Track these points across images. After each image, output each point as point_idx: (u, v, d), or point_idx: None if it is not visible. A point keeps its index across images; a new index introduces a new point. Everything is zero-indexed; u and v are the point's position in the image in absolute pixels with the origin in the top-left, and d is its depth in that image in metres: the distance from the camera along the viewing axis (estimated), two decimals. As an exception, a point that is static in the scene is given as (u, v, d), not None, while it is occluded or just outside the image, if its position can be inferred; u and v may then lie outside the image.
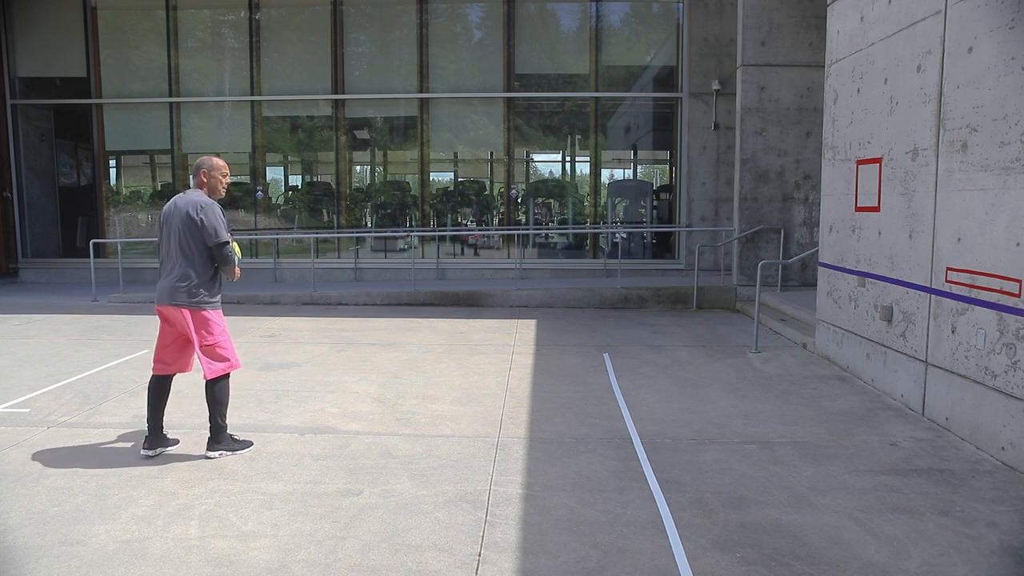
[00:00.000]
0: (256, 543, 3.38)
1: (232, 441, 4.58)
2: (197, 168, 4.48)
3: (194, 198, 4.35)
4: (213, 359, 4.39)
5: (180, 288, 4.29)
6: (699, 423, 5.19)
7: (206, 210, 4.31)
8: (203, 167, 4.47)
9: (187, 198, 4.37)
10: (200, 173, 4.46)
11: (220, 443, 4.50)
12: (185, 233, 4.30)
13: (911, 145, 5.49)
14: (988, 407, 4.57)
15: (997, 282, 4.47)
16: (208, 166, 4.47)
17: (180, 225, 4.31)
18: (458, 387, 6.16)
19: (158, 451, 4.51)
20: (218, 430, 4.49)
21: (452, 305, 10.90)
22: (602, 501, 3.85)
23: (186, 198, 4.38)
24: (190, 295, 4.30)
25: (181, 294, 4.29)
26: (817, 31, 9.89)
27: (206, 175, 4.46)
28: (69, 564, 3.18)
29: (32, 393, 5.94)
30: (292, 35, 13.47)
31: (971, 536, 3.47)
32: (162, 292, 4.35)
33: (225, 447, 4.52)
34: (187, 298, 4.29)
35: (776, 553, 3.29)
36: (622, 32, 13.25)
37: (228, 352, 4.45)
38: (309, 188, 14.32)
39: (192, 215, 4.28)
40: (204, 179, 4.46)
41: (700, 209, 12.51)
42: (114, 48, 13.61)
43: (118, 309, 10.46)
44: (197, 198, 4.36)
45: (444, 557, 3.26)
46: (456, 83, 13.24)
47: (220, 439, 4.50)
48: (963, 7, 4.84)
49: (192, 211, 4.29)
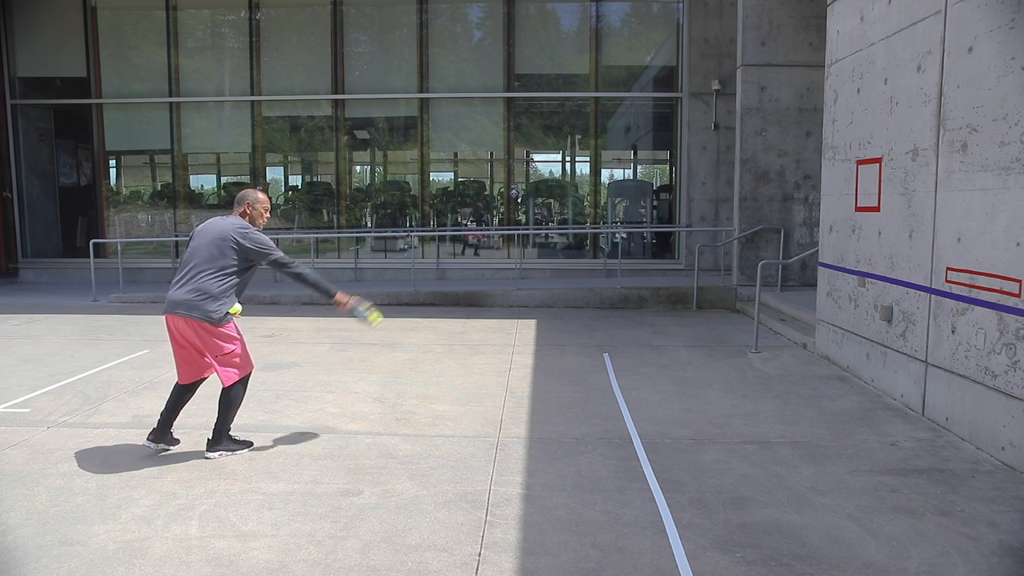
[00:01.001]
0: (256, 543, 3.38)
1: (232, 442, 4.59)
2: (241, 199, 4.57)
3: (235, 222, 4.43)
4: (228, 366, 4.41)
5: (190, 300, 4.27)
6: (699, 423, 5.19)
7: (252, 232, 4.40)
8: (247, 199, 4.56)
9: (230, 220, 4.45)
10: (244, 204, 4.55)
11: (220, 444, 4.52)
12: (218, 248, 4.33)
13: (911, 145, 5.49)
14: (988, 407, 4.57)
15: (997, 282, 4.47)
16: (252, 199, 4.57)
17: (215, 240, 4.34)
18: (458, 387, 6.16)
19: (160, 446, 4.53)
20: (221, 432, 4.51)
21: (452, 305, 10.90)
22: (602, 501, 3.85)
23: (229, 220, 4.45)
24: (198, 308, 4.27)
25: (190, 306, 4.26)
26: (817, 31, 9.89)
27: (249, 207, 4.55)
28: (69, 564, 3.18)
29: (32, 393, 5.94)
30: (292, 35, 13.47)
31: (971, 536, 3.47)
32: (172, 302, 4.33)
33: (224, 447, 4.53)
34: (194, 310, 4.27)
35: (776, 553, 3.29)
36: (622, 32, 13.25)
37: (242, 357, 4.47)
38: (309, 188, 14.32)
39: (235, 235, 4.34)
40: (247, 210, 4.54)
41: (700, 209, 12.51)
42: (114, 48, 13.61)
43: (118, 309, 10.46)
44: (237, 222, 4.43)
45: (444, 557, 3.26)
46: (456, 83, 13.24)
47: (220, 441, 4.52)
48: (963, 7, 4.84)
49: (236, 232, 4.35)
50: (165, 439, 4.56)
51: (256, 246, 4.37)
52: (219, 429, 4.50)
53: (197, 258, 4.35)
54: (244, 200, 4.57)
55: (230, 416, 4.50)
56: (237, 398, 4.48)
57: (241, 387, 4.49)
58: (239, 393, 4.48)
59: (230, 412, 4.49)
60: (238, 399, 4.49)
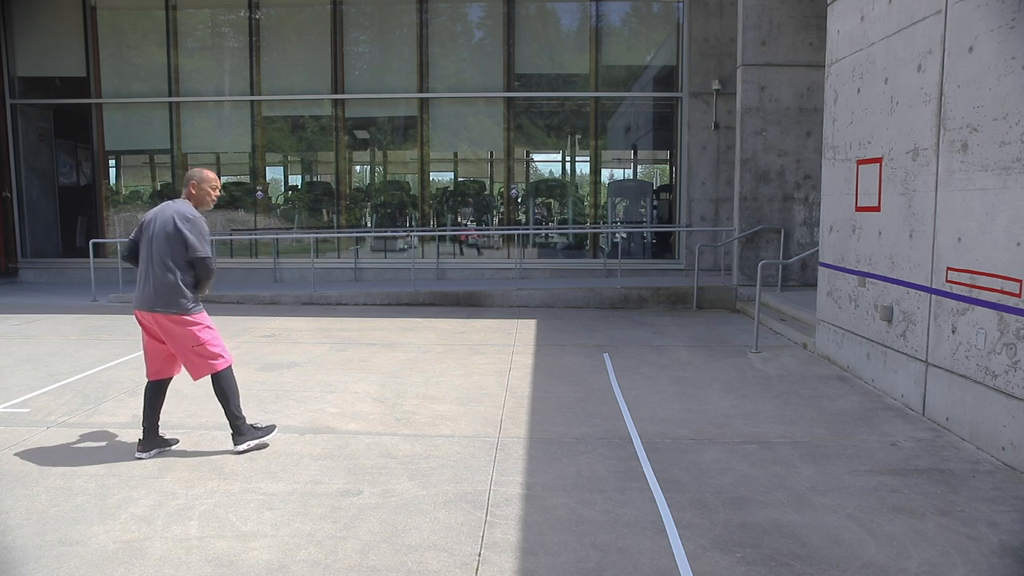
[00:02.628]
0: (256, 543, 3.38)
1: (254, 429, 4.59)
2: (187, 179, 4.47)
3: (181, 208, 4.34)
4: (205, 357, 4.39)
5: (159, 295, 4.27)
6: (699, 423, 5.19)
7: (192, 223, 4.30)
8: (193, 178, 4.45)
9: (174, 207, 4.36)
10: (190, 184, 4.45)
11: (244, 435, 4.52)
12: (167, 241, 4.28)
13: (911, 145, 5.49)
14: (988, 407, 4.56)
15: (997, 282, 4.46)
16: (198, 178, 4.45)
17: (163, 233, 4.29)
18: (458, 387, 6.16)
19: (152, 452, 4.51)
20: (237, 423, 4.51)
21: (452, 305, 10.89)
22: (602, 501, 3.84)
23: (173, 207, 4.36)
24: (171, 302, 4.27)
25: (160, 300, 4.27)
26: (817, 31, 9.88)
27: (195, 187, 4.45)
28: (69, 564, 3.18)
29: (32, 393, 5.93)
30: (292, 35, 13.47)
31: (971, 536, 3.46)
32: (143, 298, 4.33)
33: (250, 437, 4.53)
34: (167, 305, 4.27)
35: (776, 553, 3.29)
36: (622, 32, 13.24)
37: (218, 348, 4.45)
38: (309, 188, 14.31)
39: (178, 225, 4.26)
40: (193, 191, 4.45)
41: (700, 209, 12.51)
42: (114, 48, 13.60)
43: (118, 309, 10.45)
44: (184, 208, 4.34)
45: (444, 557, 3.26)
46: (456, 83, 13.23)
47: (243, 431, 4.52)
48: (963, 7, 4.83)
49: (178, 221, 4.27)
50: (155, 444, 4.52)
51: (191, 242, 4.24)
52: (232, 421, 4.51)
53: (153, 249, 4.29)
54: (191, 179, 4.44)
55: (234, 404, 4.49)
56: (229, 387, 4.46)
57: (228, 375, 4.47)
58: (228, 381, 4.46)
59: (232, 400, 4.47)
60: (231, 387, 4.47)
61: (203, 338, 4.37)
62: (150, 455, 4.49)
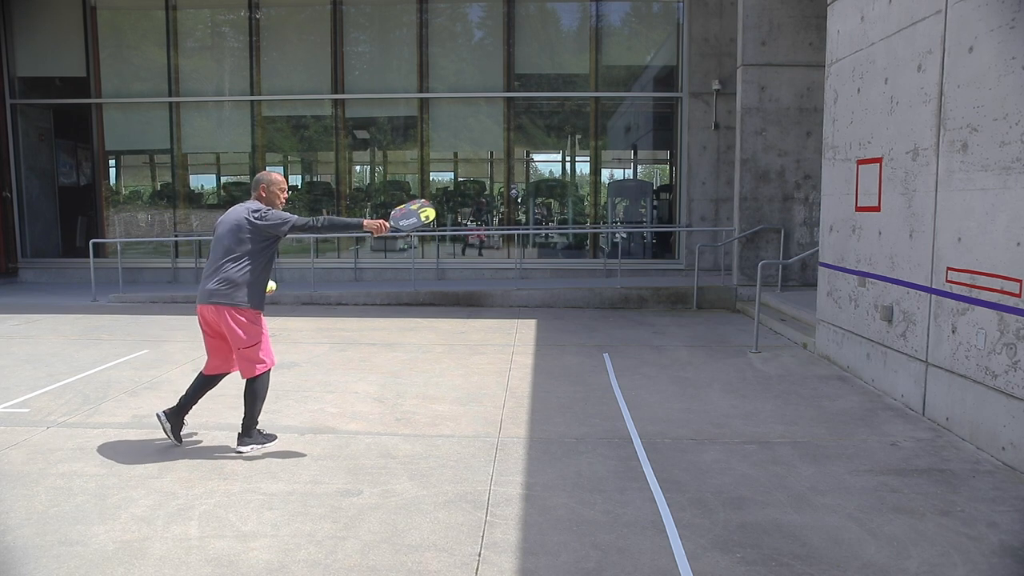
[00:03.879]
0: (256, 543, 3.38)
1: (260, 435, 4.65)
2: (256, 182, 4.59)
3: (250, 205, 4.49)
4: (250, 360, 4.48)
5: (219, 289, 4.37)
6: (699, 423, 5.19)
7: (263, 210, 4.42)
8: (262, 182, 4.58)
9: (243, 205, 4.51)
10: (259, 187, 4.57)
11: (250, 438, 4.57)
12: (235, 234, 4.40)
13: (911, 145, 5.49)
14: (988, 407, 4.56)
15: (997, 282, 4.46)
16: (267, 181, 4.58)
17: (232, 227, 4.41)
18: (458, 387, 6.16)
19: (169, 426, 4.57)
20: (249, 426, 4.57)
21: (452, 305, 10.89)
22: (602, 501, 3.84)
23: (242, 205, 4.52)
24: (228, 296, 4.37)
25: (218, 294, 4.37)
26: (817, 31, 9.88)
27: (265, 190, 4.56)
28: (69, 564, 3.18)
29: (32, 393, 5.94)
30: (292, 35, 13.47)
31: (971, 536, 3.46)
32: (203, 292, 4.44)
33: (255, 441, 4.59)
34: (222, 298, 4.36)
35: (776, 553, 3.29)
36: (622, 32, 13.24)
37: (264, 353, 4.54)
38: (309, 188, 14.31)
39: (250, 218, 4.39)
40: (263, 193, 4.56)
41: (700, 209, 12.51)
42: (114, 48, 13.60)
43: (118, 309, 10.45)
44: (252, 205, 4.48)
45: (444, 557, 3.26)
46: (456, 83, 13.23)
47: (251, 434, 4.58)
48: (963, 7, 4.84)
49: (250, 215, 4.40)
50: (174, 422, 4.60)
51: (271, 223, 4.39)
52: (247, 424, 4.57)
53: (219, 248, 4.43)
54: (259, 183, 4.58)
55: (257, 409, 4.56)
56: (261, 391, 4.55)
57: (265, 379, 4.56)
58: (263, 386, 4.55)
59: (256, 405, 4.55)
60: (262, 391, 4.56)
61: (251, 340, 4.45)
62: (165, 424, 4.57)
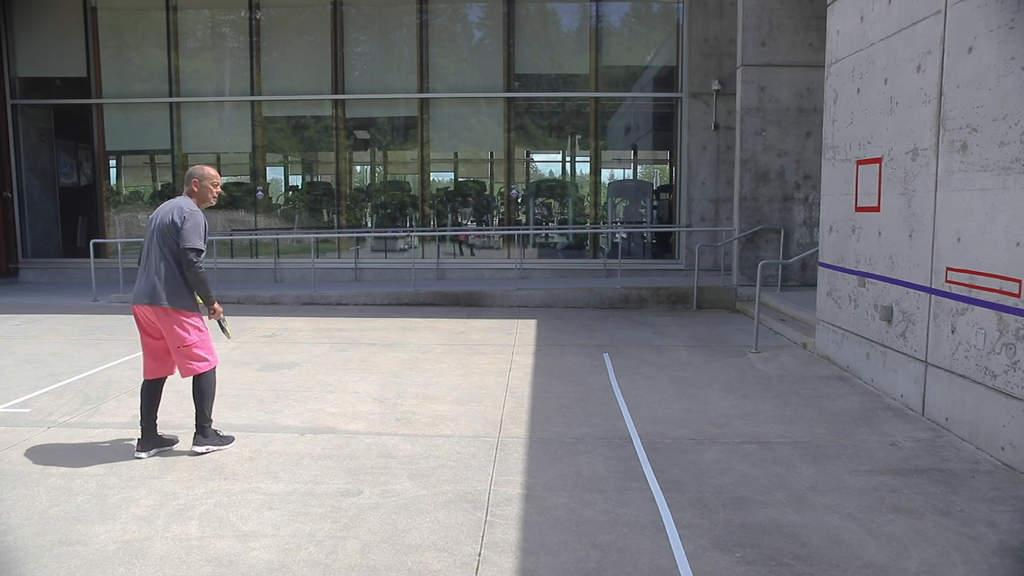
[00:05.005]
0: (256, 543, 3.39)
1: (216, 436, 4.63)
2: (188, 176, 4.55)
3: (180, 203, 4.44)
4: (190, 359, 4.44)
5: (155, 288, 4.33)
6: (699, 423, 5.19)
7: (188, 216, 4.36)
8: (194, 176, 4.53)
9: (174, 203, 4.46)
10: (191, 181, 4.53)
11: (207, 437, 4.56)
12: (165, 235, 4.37)
13: (911, 145, 5.50)
14: (988, 407, 4.57)
15: (997, 282, 4.47)
16: (199, 175, 4.53)
17: (161, 227, 4.38)
18: (458, 387, 6.16)
19: (152, 452, 4.53)
20: (203, 426, 4.54)
21: (452, 305, 10.90)
22: (602, 501, 3.85)
23: (173, 203, 4.46)
24: (164, 296, 4.32)
25: (156, 294, 4.32)
26: (817, 31, 9.89)
27: (197, 184, 4.52)
28: (69, 564, 3.18)
29: (32, 393, 5.94)
30: (292, 35, 13.47)
31: (971, 536, 3.47)
32: (138, 292, 4.41)
33: (211, 442, 4.57)
34: (160, 299, 4.32)
35: (776, 553, 3.29)
36: (622, 32, 13.25)
37: (205, 351, 4.49)
38: (309, 188, 14.32)
39: (174, 218, 4.35)
40: (195, 187, 4.52)
41: (700, 209, 12.51)
42: (114, 48, 13.61)
43: (118, 309, 10.46)
44: (183, 204, 4.43)
45: (444, 557, 3.26)
46: (456, 83, 13.24)
47: (206, 434, 4.56)
48: (963, 7, 4.84)
49: (175, 215, 4.36)
50: (154, 443, 4.56)
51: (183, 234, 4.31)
52: (200, 423, 4.54)
53: (152, 247, 4.39)
54: (192, 177, 4.52)
55: (207, 407, 4.53)
56: (208, 388, 4.51)
57: (209, 378, 4.52)
58: (208, 383, 4.51)
59: (205, 403, 4.52)
60: (210, 389, 4.52)
61: (190, 339, 4.41)
62: (149, 454, 4.51)
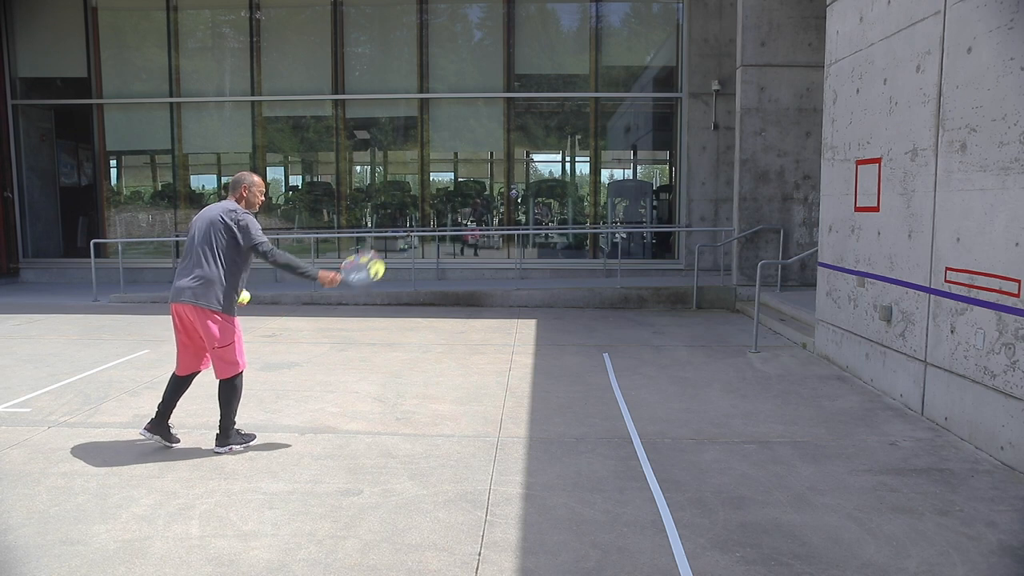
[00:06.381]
0: (256, 542, 3.39)
1: (239, 436, 4.64)
2: (237, 183, 4.58)
3: (229, 206, 4.46)
4: (226, 360, 4.47)
5: (194, 287, 4.35)
6: (699, 423, 5.20)
7: (243, 218, 4.40)
8: (243, 182, 4.57)
9: (220, 206, 4.49)
10: (240, 187, 4.56)
11: (228, 439, 4.57)
12: (211, 234, 4.38)
13: (910, 145, 5.50)
14: (987, 407, 4.57)
15: (996, 282, 4.47)
16: (248, 182, 4.58)
17: (208, 227, 4.40)
18: (458, 387, 6.17)
19: (156, 438, 4.58)
20: (227, 427, 4.56)
21: (452, 305, 10.90)
22: (602, 501, 3.85)
23: (219, 206, 4.49)
24: (202, 295, 4.34)
25: (194, 292, 4.34)
26: (817, 31, 9.89)
27: (246, 190, 4.57)
28: (70, 563, 3.19)
29: (33, 393, 5.95)
30: (292, 35, 13.48)
31: (970, 536, 3.47)
32: (177, 290, 4.42)
33: (233, 442, 4.59)
34: (198, 297, 4.34)
35: (776, 553, 3.30)
36: (622, 32, 13.25)
37: (237, 354, 4.51)
38: (309, 188, 14.32)
39: (225, 218, 4.38)
40: (244, 193, 4.57)
41: (700, 209, 12.51)
42: (115, 48, 13.62)
43: (119, 309, 10.46)
44: (233, 207, 4.46)
45: (444, 556, 3.27)
46: (456, 83, 13.24)
47: (229, 435, 4.58)
48: (962, 7, 4.84)
49: (225, 215, 4.39)
50: (161, 431, 4.60)
51: (244, 231, 4.38)
52: (224, 425, 4.56)
53: (195, 246, 4.41)
54: (241, 183, 4.57)
55: (233, 410, 4.56)
56: (237, 391, 4.54)
57: (239, 381, 4.55)
58: (235, 387, 4.53)
59: (232, 405, 4.55)
60: (238, 392, 4.55)
61: (228, 340, 4.44)
62: (152, 438, 4.57)
